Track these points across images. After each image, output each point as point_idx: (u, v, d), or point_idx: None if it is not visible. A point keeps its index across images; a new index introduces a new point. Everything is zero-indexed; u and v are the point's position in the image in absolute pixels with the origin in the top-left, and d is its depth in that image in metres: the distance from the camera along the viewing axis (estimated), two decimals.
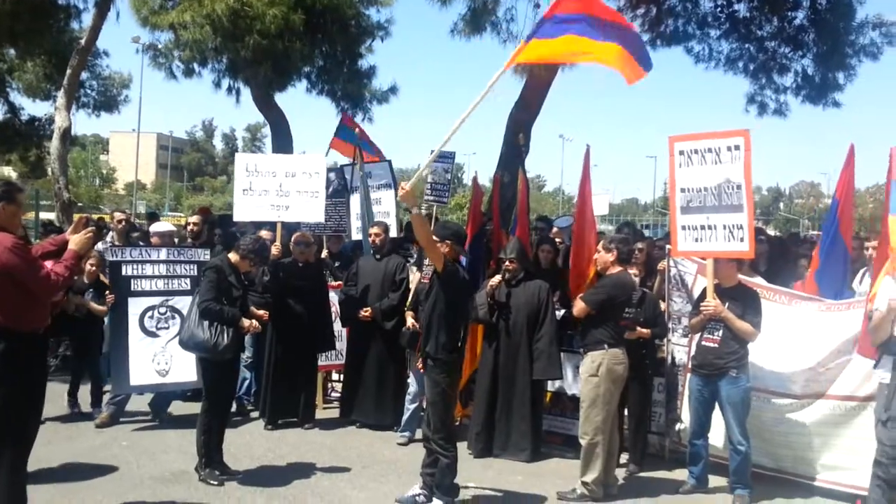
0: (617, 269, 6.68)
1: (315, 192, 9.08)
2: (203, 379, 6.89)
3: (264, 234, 9.26)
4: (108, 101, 25.23)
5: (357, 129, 12.49)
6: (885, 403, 5.44)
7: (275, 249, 8.66)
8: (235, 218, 9.66)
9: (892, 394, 5.41)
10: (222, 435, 6.91)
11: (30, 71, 21.22)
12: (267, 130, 17.38)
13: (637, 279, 7.50)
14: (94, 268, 8.58)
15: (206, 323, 6.53)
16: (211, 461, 6.73)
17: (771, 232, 24.33)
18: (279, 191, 9.06)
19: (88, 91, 24.71)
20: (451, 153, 11.60)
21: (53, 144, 16.38)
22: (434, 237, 6.15)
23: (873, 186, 77.04)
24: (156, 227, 9.75)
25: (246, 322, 6.73)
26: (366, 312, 8.53)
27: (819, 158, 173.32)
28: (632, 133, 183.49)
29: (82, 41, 17.11)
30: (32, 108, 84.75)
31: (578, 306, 6.69)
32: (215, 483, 6.58)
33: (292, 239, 8.91)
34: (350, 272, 8.98)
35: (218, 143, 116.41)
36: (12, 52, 20.09)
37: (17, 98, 23.44)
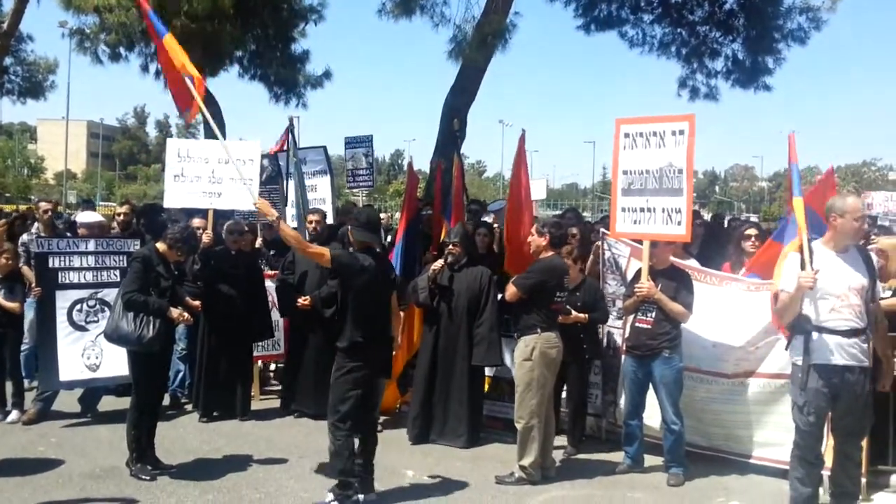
0: (549, 252, 6.70)
1: (248, 180, 8.90)
2: (131, 372, 6.71)
3: (196, 222, 9.06)
4: (33, 87, 24.57)
5: None
6: (801, 385, 5.52)
7: (206, 237, 8.48)
8: (166, 204, 9.42)
9: (805, 376, 5.47)
10: (154, 429, 6.77)
11: None
12: (201, 117, 16.97)
13: (582, 272, 7.51)
14: (7, 261, 8.24)
15: (130, 315, 6.36)
16: (142, 456, 6.58)
17: (706, 215, 24.69)
18: (212, 177, 8.87)
19: (13, 77, 24.04)
20: (367, 137, 11.56)
21: None
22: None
23: (804, 169, 79.17)
24: (83, 218, 9.45)
25: (175, 312, 6.56)
26: (304, 301, 8.38)
27: (753, 142, 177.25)
28: (571, 118, 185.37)
29: (4, 25, 16.59)
30: None
31: (510, 291, 6.71)
32: (147, 478, 6.44)
33: (224, 227, 8.75)
34: (286, 260, 8.82)
35: (151, 131, 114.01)
36: None
37: None
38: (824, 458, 5.84)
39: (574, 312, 7.27)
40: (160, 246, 6.72)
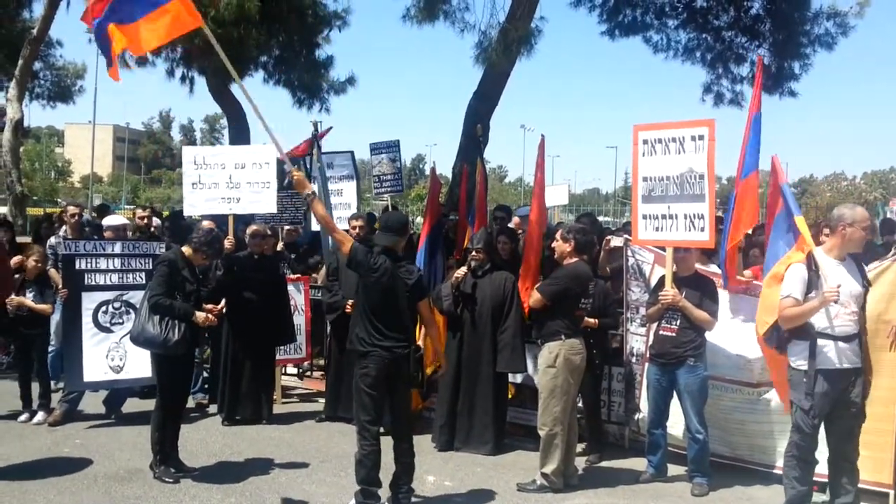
0: (574, 259, 6.66)
1: (266, 183, 8.88)
2: (156, 375, 6.76)
3: (206, 223, 9.02)
4: (62, 92, 24.99)
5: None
6: (808, 390, 5.63)
7: (227, 243, 8.47)
8: (186, 212, 9.44)
9: (812, 381, 5.61)
10: (177, 431, 6.80)
11: None
12: (226, 121, 17.16)
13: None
14: (37, 264, 8.35)
15: (156, 318, 6.41)
16: (166, 458, 6.62)
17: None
18: (229, 183, 8.87)
19: (42, 82, 24.41)
20: (394, 142, 11.58)
21: (5, 136, 16.10)
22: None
23: (830, 175, 78.36)
24: (108, 221, 9.54)
25: (200, 316, 6.60)
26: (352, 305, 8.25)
27: (777, 147, 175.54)
28: (593, 123, 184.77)
29: (34, 31, 16.81)
30: None
31: (534, 297, 6.67)
32: (170, 480, 6.48)
33: (248, 231, 8.78)
34: (330, 266, 8.79)
35: (176, 135, 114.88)
36: None
37: None
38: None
39: (584, 318, 7.22)
40: (186, 250, 6.76)
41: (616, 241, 8.23)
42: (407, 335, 6.09)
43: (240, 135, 16.90)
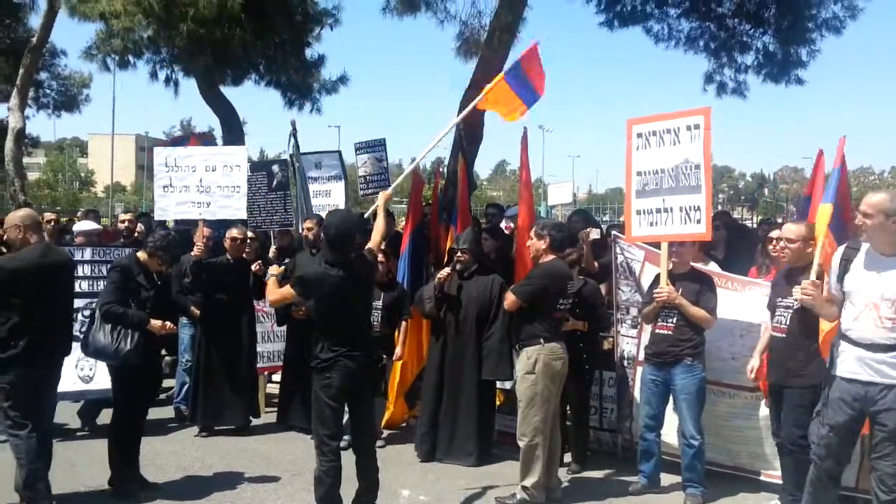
0: (550, 257, 6.24)
1: (236, 187, 8.38)
2: (112, 386, 6.42)
3: (206, 231, 8.59)
4: (68, 101, 24.92)
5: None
6: (823, 396, 5.12)
7: (197, 250, 8.07)
8: (157, 217, 9.00)
9: (826, 384, 5.10)
10: (137, 445, 6.46)
11: None
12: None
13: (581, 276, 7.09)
14: None
15: (107, 327, 6.06)
16: (124, 473, 6.29)
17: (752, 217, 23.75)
18: (199, 186, 8.41)
19: (48, 91, 24.37)
20: (380, 140, 11.22)
21: (7, 146, 15.97)
22: None
23: (857, 170, 77.45)
24: (80, 227, 9.26)
25: (156, 324, 6.23)
26: (300, 311, 7.85)
27: (802, 144, 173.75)
28: (615, 121, 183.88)
29: (34, 40, 16.71)
30: None
31: (509, 299, 6.27)
32: (129, 496, 6.16)
33: (227, 234, 8.44)
34: (287, 269, 8.45)
35: None
36: None
37: None
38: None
39: (572, 320, 6.80)
40: (141, 255, 6.41)
41: (594, 234, 7.88)
42: (367, 344, 5.76)
43: (233, 139, 16.50)
